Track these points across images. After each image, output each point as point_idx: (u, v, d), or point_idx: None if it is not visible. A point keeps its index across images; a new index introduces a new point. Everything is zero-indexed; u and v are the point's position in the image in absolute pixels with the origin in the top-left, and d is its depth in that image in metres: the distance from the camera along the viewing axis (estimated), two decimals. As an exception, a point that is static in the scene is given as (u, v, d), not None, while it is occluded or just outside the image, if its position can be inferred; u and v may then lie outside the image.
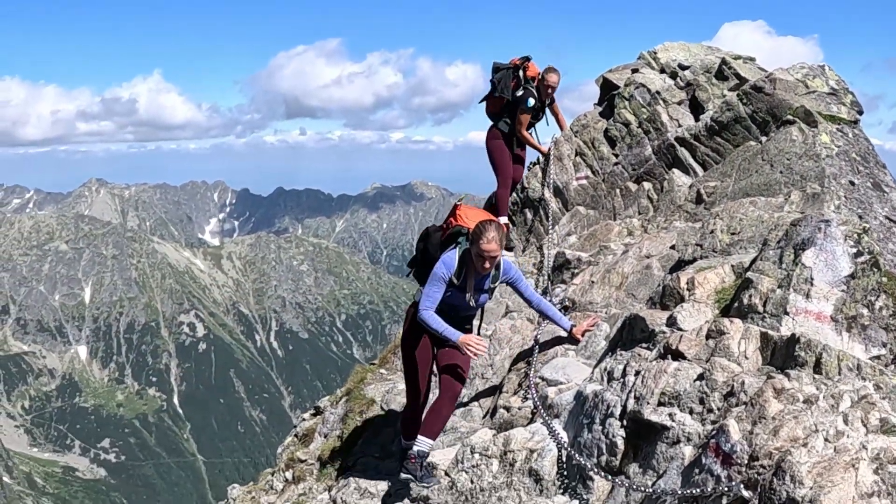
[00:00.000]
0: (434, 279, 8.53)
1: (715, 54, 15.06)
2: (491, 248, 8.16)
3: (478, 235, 8.18)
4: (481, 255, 8.22)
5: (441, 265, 8.53)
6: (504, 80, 14.30)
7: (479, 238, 8.16)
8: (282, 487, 13.44)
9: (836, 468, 4.52)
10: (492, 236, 8.12)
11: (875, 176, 10.76)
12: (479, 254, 8.22)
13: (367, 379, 14.36)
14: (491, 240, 8.11)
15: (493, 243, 8.13)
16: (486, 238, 8.12)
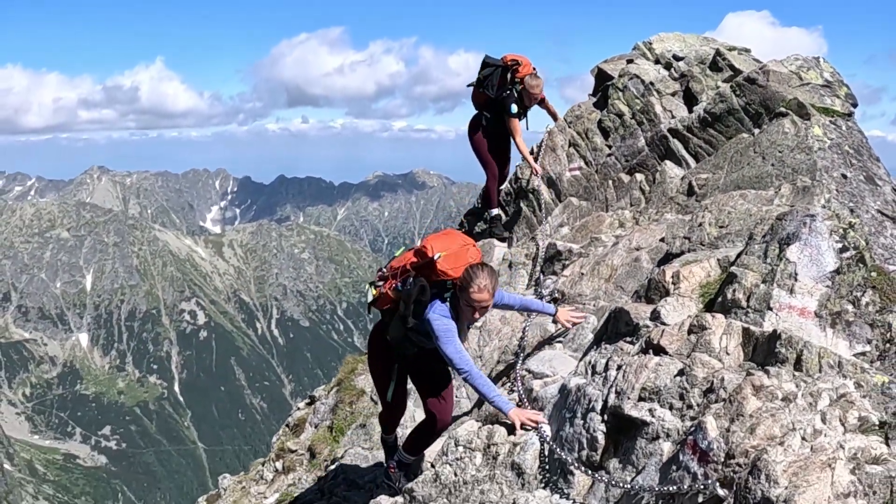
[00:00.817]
0: (451, 333, 7.69)
1: (710, 45, 14.99)
2: (483, 299, 7.47)
3: (467, 282, 7.45)
4: (471, 306, 7.56)
5: (444, 319, 7.75)
6: (491, 78, 14.07)
7: (469, 286, 7.44)
8: (272, 477, 13.45)
9: (813, 468, 4.46)
10: (483, 284, 7.40)
11: (868, 169, 10.68)
12: (470, 304, 7.53)
13: (358, 370, 14.34)
14: (483, 288, 7.40)
15: (485, 293, 7.42)
16: (478, 285, 7.41)
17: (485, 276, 7.44)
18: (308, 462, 13.00)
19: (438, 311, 7.74)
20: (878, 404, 5.12)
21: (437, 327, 7.67)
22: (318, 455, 12.82)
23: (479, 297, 7.44)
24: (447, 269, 7.74)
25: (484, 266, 7.54)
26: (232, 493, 13.88)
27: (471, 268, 7.48)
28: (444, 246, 7.88)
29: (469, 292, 7.43)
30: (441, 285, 7.84)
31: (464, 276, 7.47)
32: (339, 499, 10.48)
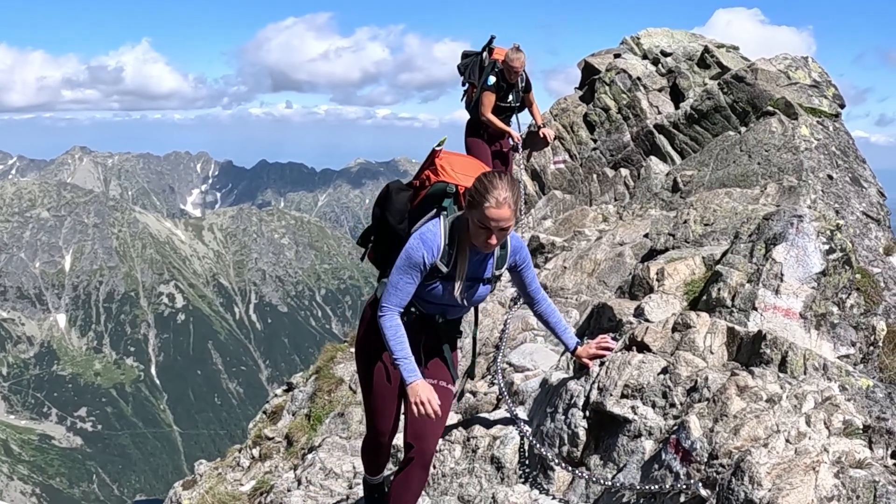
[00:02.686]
0: (405, 265, 5.57)
1: (698, 42, 15.00)
2: (503, 215, 5.24)
3: (482, 194, 5.28)
4: (486, 227, 5.30)
5: (418, 243, 5.54)
6: (471, 66, 13.54)
7: (485, 198, 5.26)
8: (248, 464, 13.40)
9: (796, 470, 4.43)
10: (503, 197, 5.22)
11: (854, 170, 10.70)
12: (484, 223, 5.29)
13: (337, 358, 14.30)
14: (503, 202, 5.21)
15: (505, 207, 5.21)
16: (496, 198, 5.23)
17: (504, 187, 5.27)
18: (285, 450, 12.96)
19: (422, 233, 5.62)
20: (863, 408, 5.11)
21: (406, 248, 5.60)
22: (295, 443, 12.77)
23: (498, 214, 5.24)
24: (447, 167, 5.85)
25: (503, 174, 5.41)
26: (208, 479, 13.81)
27: (486, 175, 5.40)
28: (459, 160, 6.03)
29: (484, 207, 5.25)
30: (436, 197, 5.77)
31: (475, 185, 5.37)
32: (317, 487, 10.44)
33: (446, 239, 5.58)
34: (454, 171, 5.81)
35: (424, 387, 5.47)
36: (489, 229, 5.31)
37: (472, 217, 5.36)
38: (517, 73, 13.07)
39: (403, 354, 5.55)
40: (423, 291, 5.78)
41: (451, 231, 5.60)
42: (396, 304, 5.66)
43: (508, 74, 13.06)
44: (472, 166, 5.92)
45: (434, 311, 6.00)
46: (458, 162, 5.93)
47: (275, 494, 10.95)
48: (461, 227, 5.56)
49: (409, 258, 5.56)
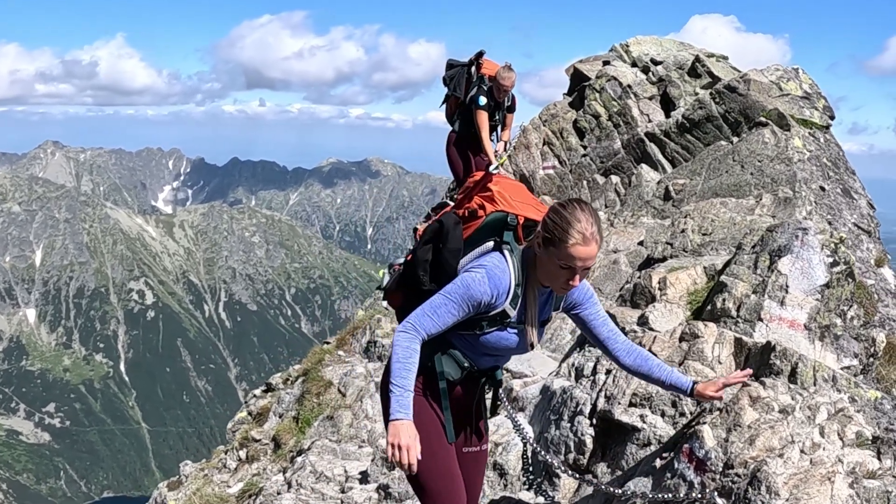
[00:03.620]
0: (460, 296, 4.50)
1: (688, 50, 15.10)
2: (590, 253, 4.32)
3: (564, 230, 4.29)
4: (569, 266, 4.35)
5: (483, 279, 4.49)
6: (457, 78, 13.02)
7: (568, 234, 4.27)
8: (235, 466, 13.37)
9: (813, 481, 4.50)
10: (590, 231, 4.27)
11: (845, 182, 10.81)
12: (568, 263, 4.33)
13: (325, 360, 14.29)
14: (590, 237, 4.28)
15: (592, 243, 4.31)
16: (582, 233, 4.26)
17: (589, 219, 4.30)
18: (273, 452, 12.94)
19: (490, 267, 4.53)
20: (872, 419, 5.19)
21: (467, 280, 4.50)
22: (283, 446, 12.76)
23: (583, 252, 4.28)
24: (506, 196, 4.75)
25: (584, 203, 4.40)
26: (194, 480, 13.77)
27: (563, 206, 4.34)
28: (516, 190, 4.90)
29: (567, 246, 4.26)
30: (492, 230, 4.71)
31: (553, 218, 4.34)
32: (308, 491, 10.45)
33: (516, 279, 4.58)
34: (513, 200, 4.74)
35: (409, 431, 4.32)
36: (572, 269, 4.35)
37: (548, 255, 4.35)
38: (506, 92, 12.73)
39: (405, 385, 4.42)
40: (478, 340, 4.69)
41: (518, 268, 4.60)
42: (426, 329, 4.52)
43: (497, 93, 12.67)
44: (525, 194, 4.90)
45: (488, 363, 4.90)
46: (513, 189, 4.84)
47: (264, 497, 10.93)
48: (527, 264, 4.61)
49: (468, 292, 4.46)
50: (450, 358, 4.83)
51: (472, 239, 4.75)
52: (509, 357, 5.13)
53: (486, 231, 4.71)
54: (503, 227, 4.66)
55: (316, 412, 12.86)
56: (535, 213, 4.70)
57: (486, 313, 4.59)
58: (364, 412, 11.80)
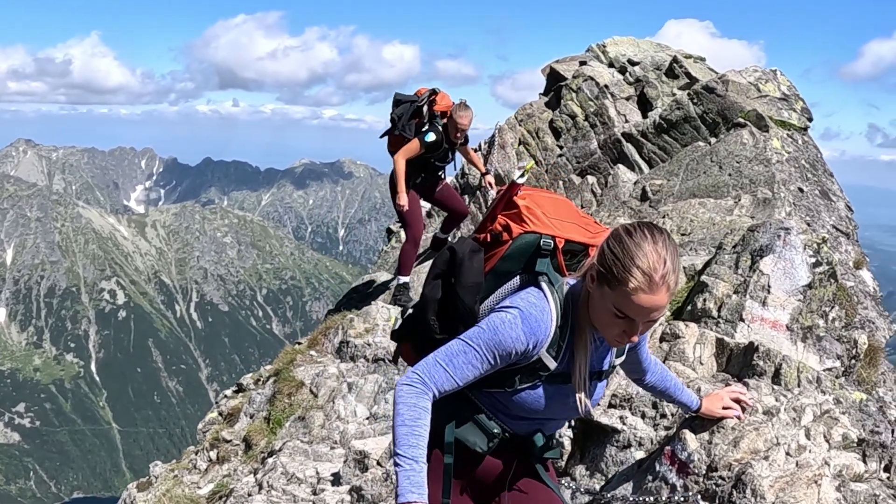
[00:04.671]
0: (485, 343, 3.41)
1: (665, 52, 15.08)
2: (657, 303, 3.16)
3: (625, 266, 3.14)
4: (625, 316, 3.23)
5: (516, 323, 3.40)
6: (405, 115, 11.72)
7: (630, 273, 3.13)
8: (206, 467, 13.24)
9: (799, 484, 4.43)
10: (662, 272, 3.11)
11: (823, 184, 10.79)
12: (624, 311, 3.22)
13: (297, 360, 14.17)
14: (660, 281, 3.12)
15: (662, 290, 3.14)
16: (650, 274, 3.11)
17: (662, 254, 3.14)
18: (243, 453, 12.81)
19: (525, 307, 3.44)
20: (857, 421, 5.12)
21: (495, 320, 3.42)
22: (254, 446, 12.63)
23: (649, 301, 3.14)
24: (537, 213, 3.59)
25: (657, 230, 3.23)
26: (164, 481, 13.62)
27: (630, 232, 3.20)
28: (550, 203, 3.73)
29: (628, 289, 3.13)
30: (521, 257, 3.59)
31: (611, 247, 3.21)
32: (279, 492, 10.34)
33: (559, 320, 3.46)
34: (547, 217, 3.59)
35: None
36: (631, 320, 3.21)
37: (602, 297, 3.25)
38: (463, 132, 11.52)
39: (415, 456, 3.26)
40: (512, 400, 3.62)
41: (563, 308, 3.49)
42: (438, 385, 3.42)
43: (453, 132, 11.48)
44: (567, 209, 3.72)
45: (527, 428, 3.79)
46: (548, 203, 3.68)
47: (235, 498, 10.81)
48: (576, 302, 3.50)
49: (496, 338, 3.37)
50: (473, 425, 3.73)
51: (496, 271, 3.64)
52: (559, 422, 3.97)
53: (514, 260, 3.59)
54: (535, 254, 3.53)
55: (287, 413, 12.75)
56: (581, 233, 3.60)
57: (516, 364, 3.49)
58: (336, 413, 11.68)
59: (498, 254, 3.62)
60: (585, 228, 3.64)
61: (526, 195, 3.65)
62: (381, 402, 9.95)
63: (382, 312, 12.46)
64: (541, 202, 3.64)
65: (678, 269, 3.16)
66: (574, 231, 3.59)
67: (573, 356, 3.51)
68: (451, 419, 3.72)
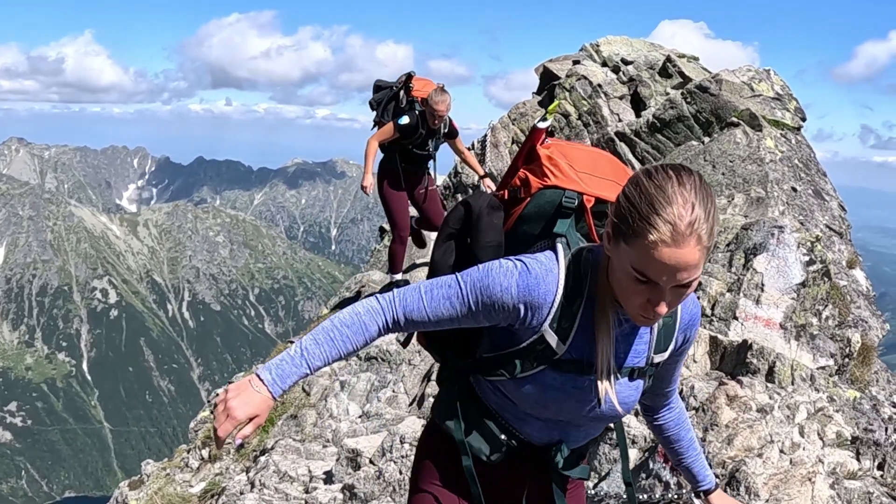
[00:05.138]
0: (471, 282, 2.74)
1: (658, 51, 15.08)
2: (685, 259, 2.34)
3: (644, 215, 2.35)
4: (647, 278, 2.41)
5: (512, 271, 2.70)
6: (384, 102, 11.42)
7: (650, 222, 2.33)
8: (197, 465, 13.22)
9: (793, 481, 4.42)
10: (688, 221, 2.31)
11: (816, 184, 10.78)
12: (644, 271, 2.40)
13: (289, 358, 14.17)
14: (686, 231, 2.31)
15: (690, 242, 2.32)
16: (672, 222, 2.31)
17: (688, 199, 2.34)
18: (235, 451, 12.79)
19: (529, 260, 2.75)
20: (851, 419, 5.12)
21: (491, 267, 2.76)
22: (246, 445, 12.62)
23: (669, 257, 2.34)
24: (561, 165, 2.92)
25: (686, 174, 2.41)
26: (156, 479, 13.59)
27: (650, 174, 2.44)
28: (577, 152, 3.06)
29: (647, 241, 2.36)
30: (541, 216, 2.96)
31: (630, 193, 2.44)
32: (271, 491, 10.32)
33: (567, 289, 2.73)
34: (573, 170, 2.92)
35: (256, 403, 2.56)
36: (655, 284, 2.43)
37: (619, 256, 2.50)
38: (440, 118, 10.94)
39: (306, 353, 2.69)
40: (518, 392, 2.88)
41: (575, 274, 2.74)
42: (404, 310, 2.81)
43: (430, 119, 10.92)
44: (601, 161, 3.00)
45: (545, 434, 2.99)
46: (578, 154, 2.99)
47: (227, 497, 10.78)
48: (595, 269, 2.74)
49: (484, 281, 2.72)
50: (479, 429, 3.06)
51: (513, 234, 3.02)
52: (586, 430, 3.05)
53: (532, 221, 2.95)
54: (557, 213, 2.88)
55: (279, 411, 12.73)
56: (614, 189, 2.82)
57: (514, 336, 2.81)
58: (328, 411, 11.67)
59: (515, 213, 2.99)
60: (620, 183, 2.75)
61: (552, 144, 2.97)
62: (374, 401, 9.93)
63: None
64: (570, 153, 2.95)
65: (713, 217, 2.36)
66: (606, 187, 2.88)
67: (590, 339, 2.71)
68: (454, 415, 3.07)
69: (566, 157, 2.93)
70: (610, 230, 2.51)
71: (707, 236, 2.35)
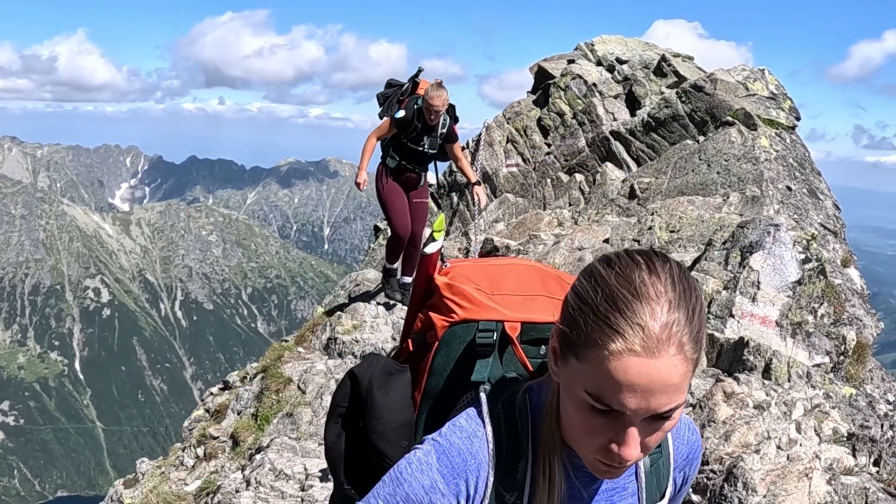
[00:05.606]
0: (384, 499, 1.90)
1: (653, 50, 15.10)
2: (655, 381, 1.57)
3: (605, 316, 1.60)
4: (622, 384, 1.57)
5: (426, 462, 1.87)
6: (391, 99, 11.21)
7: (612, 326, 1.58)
8: (192, 464, 13.21)
9: (790, 477, 4.44)
10: (663, 323, 1.55)
11: (811, 182, 10.82)
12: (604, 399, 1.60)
13: (285, 357, 14.17)
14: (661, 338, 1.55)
15: (663, 354, 1.56)
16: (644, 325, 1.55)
17: (664, 295, 1.58)
18: (231, 450, 12.78)
19: (442, 437, 1.92)
20: (847, 416, 5.14)
21: (398, 471, 1.91)
22: (241, 443, 12.60)
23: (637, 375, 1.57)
24: (468, 290, 2.21)
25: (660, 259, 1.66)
26: (151, 477, 13.58)
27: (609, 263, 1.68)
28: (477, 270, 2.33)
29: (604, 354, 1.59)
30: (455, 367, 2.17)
31: (584, 288, 1.68)
32: (267, 489, 10.33)
33: (497, 454, 1.92)
34: (483, 294, 2.24)
35: None
36: (618, 415, 1.64)
37: (569, 379, 1.73)
38: (437, 113, 10.73)
39: None
40: None
41: (510, 428, 1.95)
42: None
43: (427, 114, 10.74)
44: (524, 275, 2.29)
45: None
46: (490, 272, 2.31)
47: (222, 495, 10.79)
48: (538, 413, 1.96)
49: (402, 491, 1.92)
50: None
51: (428, 394, 2.26)
52: None
53: (445, 372, 2.22)
54: (473, 355, 2.13)
55: (275, 409, 12.73)
56: (546, 305, 2.19)
57: None
58: (324, 409, 11.67)
59: (425, 369, 2.27)
60: (554, 297, 2.18)
61: (451, 268, 2.34)
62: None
63: (370, 309, 12.46)
64: (475, 274, 2.30)
65: (699, 318, 1.63)
66: (541, 306, 2.19)
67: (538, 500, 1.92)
68: None
69: (472, 280, 2.26)
70: (556, 343, 1.77)
71: (691, 344, 1.58)
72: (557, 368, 1.76)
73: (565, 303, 1.75)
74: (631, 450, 1.64)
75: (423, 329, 2.34)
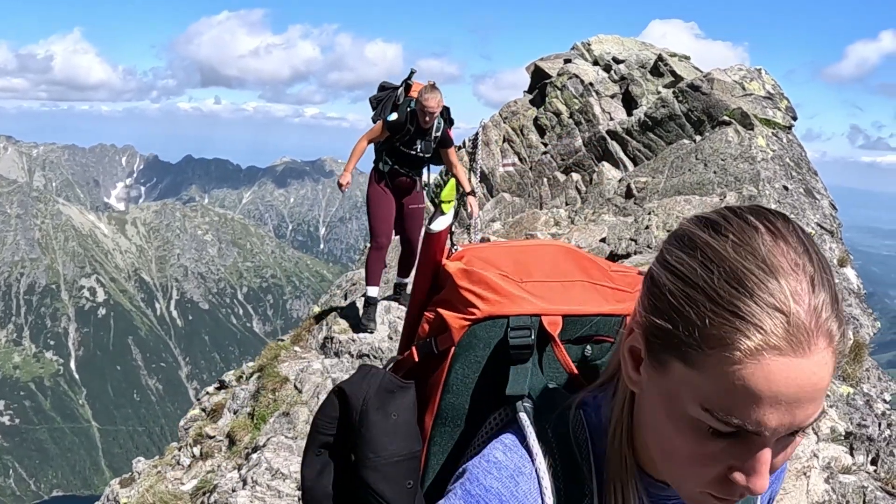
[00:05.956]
0: None
1: (650, 50, 15.10)
2: (817, 374, 1.12)
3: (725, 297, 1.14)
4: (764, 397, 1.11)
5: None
6: (384, 102, 10.96)
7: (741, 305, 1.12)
8: (189, 463, 13.20)
9: (789, 475, 4.43)
10: (808, 306, 1.11)
11: (807, 182, 10.81)
12: (746, 397, 1.12)
13: (281, 356, 14.16)
14: (817, 311, 1.11)
15: (817, 348, 1.11)
16: (788, 312, 1.11)
17: (797, 246, 1.16)
18: (227, 449, 12.76)
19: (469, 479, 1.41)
20: (844, 415, 5.14)
21: None
22: (238, 442, 12.58)
23: (787, 379, 1.11)
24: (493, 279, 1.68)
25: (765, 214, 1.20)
26: (147, 477, 13.56)
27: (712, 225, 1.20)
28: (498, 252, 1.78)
29: (739, 346, 1.12)
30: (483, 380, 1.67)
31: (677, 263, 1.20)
32: (264, 488, 10.32)
33: (557, 492, 1.41)
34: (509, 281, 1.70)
35: None
36: (749, 436, 1.18)
37: (665, 393, 1.26)
38: (431, 115, 10.33)
39: None
40: None
41: (566, 457, 1.45)
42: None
43: (421, 116, 10.35)
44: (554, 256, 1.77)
45: None
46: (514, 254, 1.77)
47: (218, 494, 10.78)
48: (599, 433, 1.48)
49: None
50: None
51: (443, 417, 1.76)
52: None
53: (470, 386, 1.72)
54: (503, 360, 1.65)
55: (272, 408, 12.72)
56: (594, 294, 1.74)
57: None
58: (321, 409, 11.68)
59: (438, 385, 1.75)
60: (598, 283, 1.76)
61: (464, 251, 1.82)
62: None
63: (367, 309, 12.47)
64: (496, 256, 1.79)
65: (840, 296, 1.22)
66: (582, 294, 1.73)
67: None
68: None
69: (493, 265, 1.76)
70: (639, 343, 1.33)
71: (839, 334, 1.16)
72: (641, 376, 1.34)
73: (656, 287, 1.26)
74: (763, 480, 1.21)
75: (431, 332, 1.80)
